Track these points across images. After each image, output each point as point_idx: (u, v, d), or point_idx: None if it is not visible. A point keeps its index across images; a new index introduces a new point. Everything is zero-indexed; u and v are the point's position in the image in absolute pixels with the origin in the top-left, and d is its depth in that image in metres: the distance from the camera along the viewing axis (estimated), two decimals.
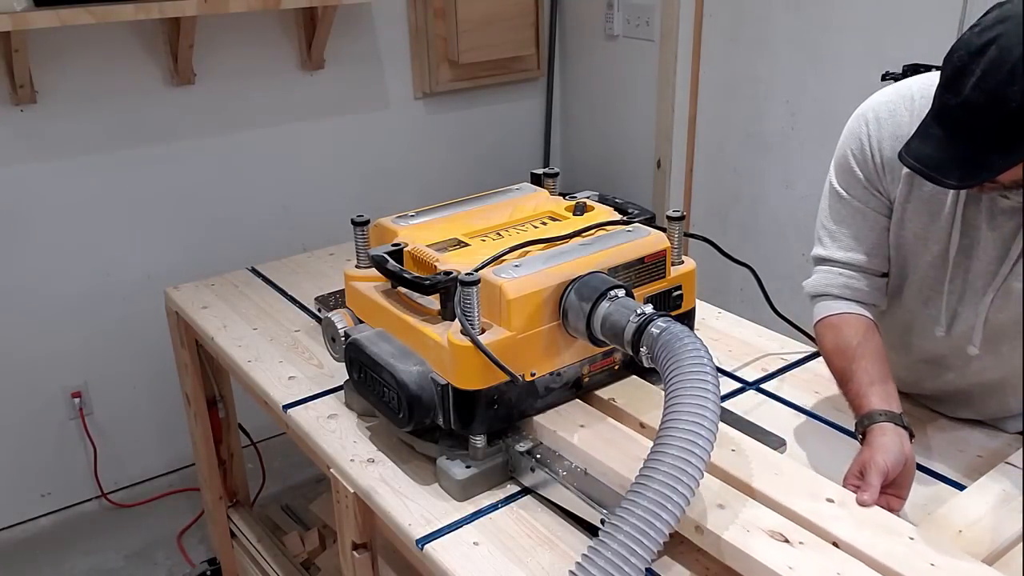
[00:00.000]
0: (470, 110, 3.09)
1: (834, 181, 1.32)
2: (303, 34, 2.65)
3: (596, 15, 3.03)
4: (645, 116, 2.95)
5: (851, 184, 1.29)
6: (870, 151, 1.26)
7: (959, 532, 1.05)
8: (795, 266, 2.63)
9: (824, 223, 1.34)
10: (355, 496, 1.27)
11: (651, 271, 1.29)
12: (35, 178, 2.36)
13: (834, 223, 1.32)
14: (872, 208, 1.28)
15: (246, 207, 2.70)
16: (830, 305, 1.32)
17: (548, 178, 1.55)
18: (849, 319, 1.29)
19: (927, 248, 1.26)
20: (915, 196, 1.24)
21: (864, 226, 1.30)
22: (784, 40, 2.53)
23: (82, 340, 2.53)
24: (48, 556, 2.47)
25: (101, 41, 2.35)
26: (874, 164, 1.26)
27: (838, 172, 1.31)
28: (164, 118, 2.50)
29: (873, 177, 1.27)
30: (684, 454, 0.93)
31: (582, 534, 1.13)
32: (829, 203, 1.34)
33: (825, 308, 1.32)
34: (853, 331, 1.27)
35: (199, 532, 2.55)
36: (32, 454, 2.54)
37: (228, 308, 1.83)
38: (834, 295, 1.32)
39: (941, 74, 1.03)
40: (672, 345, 1.04)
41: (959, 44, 1.00)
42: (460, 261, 1.24)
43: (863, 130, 1.26)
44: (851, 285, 1.31)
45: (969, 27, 1.01)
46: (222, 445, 2.09)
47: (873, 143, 1.25)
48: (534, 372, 1.21)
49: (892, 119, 1.24)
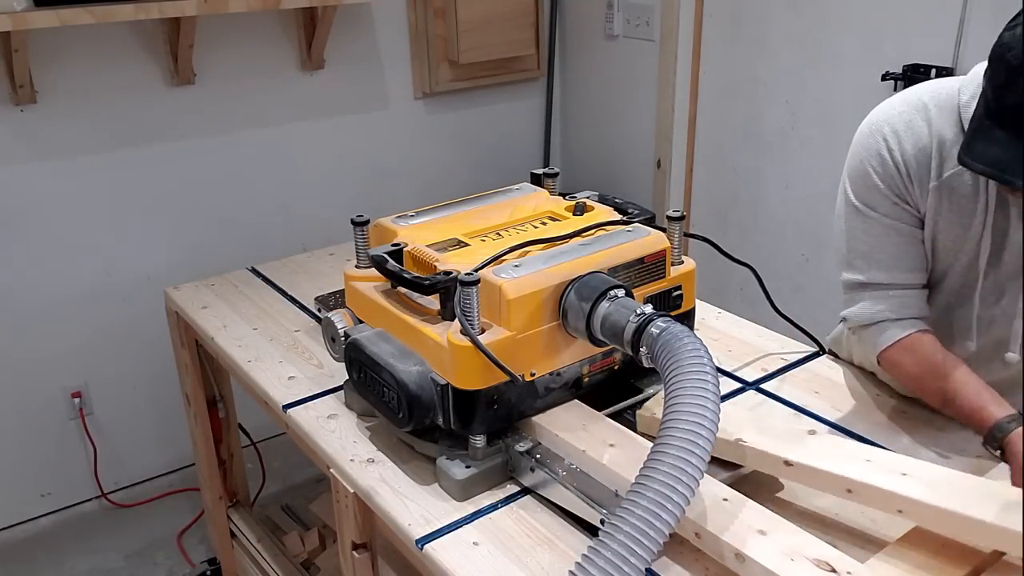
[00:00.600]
0: (470, 110, 3.09)
1: (855, 201, 1.28)
2: (303, 34, 2.65)
3: (596, 15, 3.03)
4: (645, 116, 2.95)
5: (877, 201, 1.26)
6: (894, 165, 1.23)
7: None
8: (795, 266, 2.63)
9: (854, 246, 1.30)
10: (355, 496, 1.27)
11: (651, 271, 1.29)
12: (35, 178, 2.36)
13: (866, 245, 1.28)
14: (904, 222, 1.26)
15: (246, 207, 2.70)
16: (893, 331, 1.28)
17: (548, 178, 1.55)
18: (920, 338, 1.26)
19: (958, 258, 1.24)
20: (945, 207, 1.22)
21: (900, 242, 1.27)
22: (784, 40, 2.53)
23: (82, 340, 2.53)
24: (48, 556, 2.47)
25: (101, 41, 2.35)
26: (901, 177, 1.23)
27: (859, 191, 1.27)
28: (164, 118, 2.50)
29: (901, 190, 1.24)
30: (684, 454, 0.93)
31: (582, 534, 1.13)
32: (852, 224, 1.30)
33: (890, 335, 1.28)
34: (931, 348, 1.25)
35: (199, 532, 2.55)
36: (32, 454, 2.54)
37: (228, 308, 1.83)
38: (891, 319, 1.28)
39: (992, 74, 1.02)
40: (672, 345, 1.04)
41: (1010, 42, 0.98)
42: (460, 261, 1.24)
43: (882, 145, 1.24)
44: (906, 304, 1.28)
45: (1008, 25, 1.00)
46: (222, 445, 2.09)
47: (896, 156, 1.23)
48: (534, 372, 1.20)
49: (910, 131, 1.22)
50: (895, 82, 2.23)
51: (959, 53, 2.11)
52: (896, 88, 2.23)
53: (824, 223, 2.53)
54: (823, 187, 2.50)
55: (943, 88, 1.23)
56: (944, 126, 1.20)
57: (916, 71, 2.19)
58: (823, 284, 2.53)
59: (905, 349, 1.27)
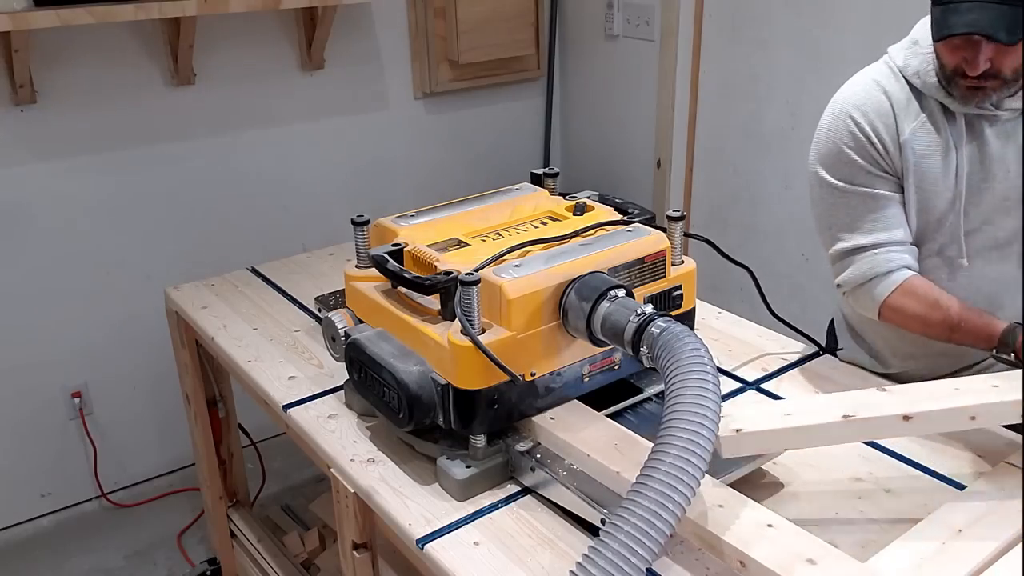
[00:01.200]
0: (470, 110, 3.09)
1: (829, 179, 1.40)
2: (303, 34, 2.65)
3: (596, 15, 3.03)
4: (645, 116, 2.95)
5: (854, 174, 1.37)
6: (865, 137, 1.36)
7: (959, 532, 1.05)
8: (795, 266, 2.63)
9: (836, 221, 1.42)
10: (355, 496, 1.27)
11: (651, 271, 1.29)
12: (35, 178, 2.36)
13: (848, 216, 1.40)
14: (880, 188, 1.37)
15: (246, 207, 2.70)
16: (887, 282, 1.38)
17: (548, 178, 1.55)
18: (914, 280, 1.37)
19: (942, 195, 1.35)
20: (919, 153, 1.34)
21: (877, 206, 1.37)
22: (784, 40, 2.53)
23: (82, 340, 2.53)
24: (48, 556, 2.47)
25: (101, 41, 2.35)
26: (873, 146, 1.36)
27: (832, 168, 1.40)
28: (164, 118, 2.50)
29: (876, 157, 1.36)
30: (685, 454, 0.93)
31: (582, 534, 1.13)
32: (832, 203, 1.41)
33: (885, 286, 1.38)
34: (927, 286, 1.37)
35: (199, 532, 2.55)
36: (32, 454, 2.54)
37: (228, 308, 1.83)
38: (881, 273, 1.38)
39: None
40: (672, 345, 1.04)
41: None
42: (460, 261, 1.25)
43: (849, 123, 1.37)
44: (892, 259, 1.38)
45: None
46: (222, 445, 2.09)
47: (865, 128, 1.36)
48: (534, 372, 1.21)
49: (871, 103, 1.36)
50: None
51: None
52: None
53: None
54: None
55: (878, 66, 1.43)
56: (895, 90, 1.37)
57: None
58: (823, 284, 2.52)
59: (904, 293, 1.37)
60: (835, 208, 1.42)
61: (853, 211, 1.39)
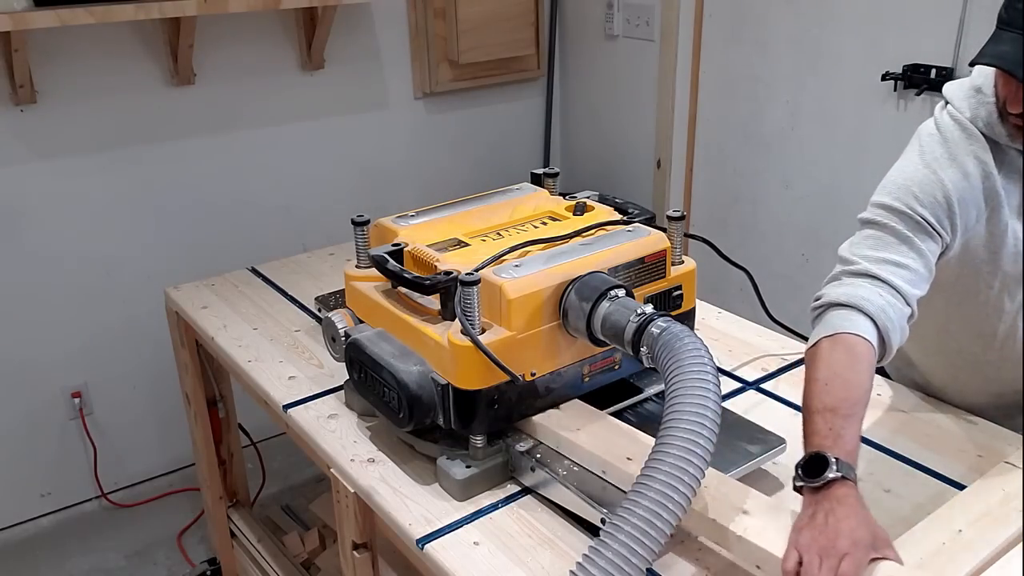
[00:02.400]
0: (470, 110, 3.09)
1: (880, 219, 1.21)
2: (303, 34, 2.65)
3: (596, 15, 3.03)
4: (645, 116, 2.95)
5: (909, 223, 1.20)
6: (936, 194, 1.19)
7: (959, 532, 1.05)
8: (794, 266, 2.63)
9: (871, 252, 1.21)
10: (355, 496, 1.27)
11: (651, 271, 1.29)
12: (35, 178, 2.36)
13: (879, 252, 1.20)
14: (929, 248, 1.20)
15: (246, 207, 2.70)
16: (856, 322, 1.14)
17: (548, 178, 1.55)
18: (867, 352, 1.12)
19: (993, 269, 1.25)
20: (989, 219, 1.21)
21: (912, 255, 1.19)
22: (784, 40, 2.53)
23: (82, 340, 2.53)
24: (48, 556, 2.47)
25: (101, 41, 2.35)
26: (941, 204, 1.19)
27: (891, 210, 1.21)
28: (164, 118, 2.50)
29: (940, 216, 1.19)
30: (685, 453, 0.93)
31: (582, 534, 1.13)
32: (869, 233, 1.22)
33: (849, 323, 1.14)
34: (867, 372, 1.11)
35: (199, 532, 2.55)
36: (32, 454, 2.54)
37: (228, 308, 1.83)
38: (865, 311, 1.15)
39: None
40: (673, 345, 1.04)
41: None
42: (460, 261, 1.25)
43: (931, 177, 1.19)
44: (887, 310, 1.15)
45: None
46: (222, 445, 2.09)
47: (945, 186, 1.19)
48: (534, 372, 1.21)
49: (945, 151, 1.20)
50: (895, 82, 2.23)
51: (959, 53, 2.11)
52: (896, 88, 2.24)
53: (824, 223, 2.53)
54: (823, 187, 2.50)
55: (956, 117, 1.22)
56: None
57: (916, 71, 2.19)
58: None
59: (843, 345, 1.12)
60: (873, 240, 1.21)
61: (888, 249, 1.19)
